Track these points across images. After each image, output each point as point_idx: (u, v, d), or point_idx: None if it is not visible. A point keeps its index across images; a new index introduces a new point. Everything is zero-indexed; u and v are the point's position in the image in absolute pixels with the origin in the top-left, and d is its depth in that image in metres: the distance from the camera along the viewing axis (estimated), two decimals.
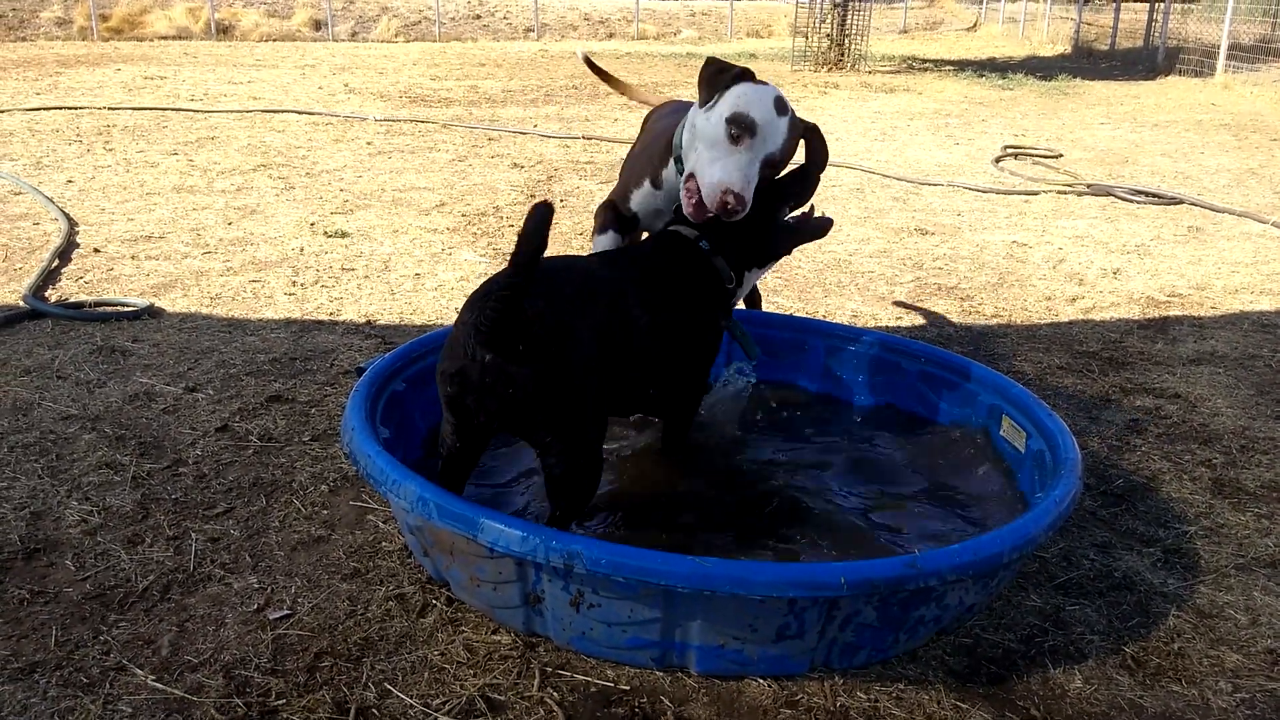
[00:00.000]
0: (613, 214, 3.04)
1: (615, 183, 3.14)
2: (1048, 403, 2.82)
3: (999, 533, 2.08)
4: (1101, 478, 2.96)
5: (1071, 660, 2.15)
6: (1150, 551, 2.58)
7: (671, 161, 2.84)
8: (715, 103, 2.62)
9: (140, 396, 3.39)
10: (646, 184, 2.94)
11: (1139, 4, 20.67)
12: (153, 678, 2.04)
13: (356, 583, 2.39)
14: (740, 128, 2.55)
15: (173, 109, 10.27)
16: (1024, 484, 2.69)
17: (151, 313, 4.21)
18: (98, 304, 4.29)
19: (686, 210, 2.67)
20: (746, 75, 2.67)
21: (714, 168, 2.57)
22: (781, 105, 2.62)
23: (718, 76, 2.66)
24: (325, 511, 2.71)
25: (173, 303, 4.37)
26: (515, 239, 2.04)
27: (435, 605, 2.29)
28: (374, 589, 2.36)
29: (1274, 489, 2.92)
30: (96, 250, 5.16)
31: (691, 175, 2.64)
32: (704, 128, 2.63)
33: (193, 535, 2.57)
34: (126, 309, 4.19)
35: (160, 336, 3.95)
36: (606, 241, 2.99)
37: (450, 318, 4.20)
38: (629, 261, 2.64)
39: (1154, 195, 6.94)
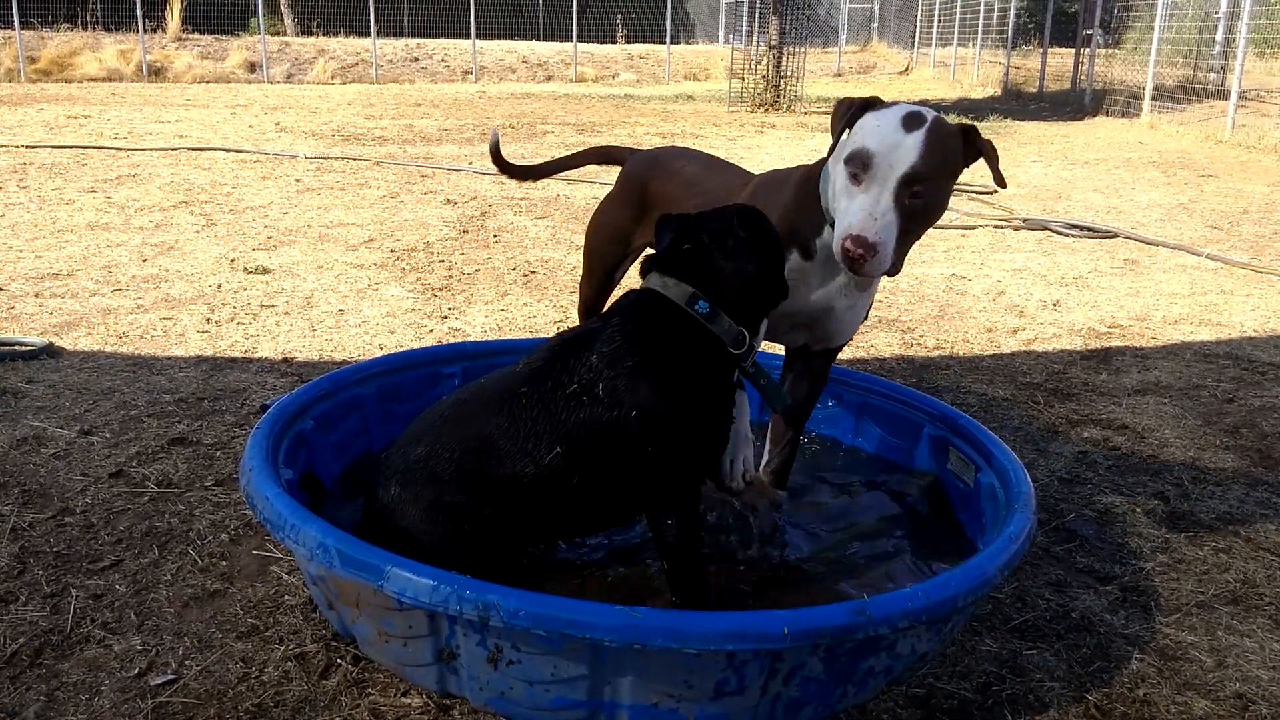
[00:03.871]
0: None
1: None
2: (995, 434, 2.69)
3: (952, 574, 1.93)
4: (1053, 512, 2.84)
5: (1032, 710, 1.99)
6: (1107, 590, 2.44)
7: (826, 226, 2.32)
8: (839, 147, 2.25)
9: (29, 441, 3.13)
10: (795, 254, 2.37)
11: (1065, 49, 21.22)
12: None
13: (253, 641, 2.16)
14: (857, 165, 2.14)
15: (94, 147, 9.96)
16: (974, 521, 2.56)
17: (50, 352, 3.94)
18: None
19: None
20: (870, 104, 2.24)
21: (840, 219, 2.17)
22: (913, 120, 2.15)
23: (839, 117, 2.25)
24: (224, 563, 2.47)
25: (75, 342, 4.10)
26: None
27: (340, 665, 2.07)
28: (272, 648, 2.13)
29: (1230, 521, 2.82)
30: None
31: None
32: (833, 179, 2.25)
33: (73, 592, 2.32)
34: (22, 348, 3.92)
35: (57, 377, 3.68)
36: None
37: (373, 353, 4.00)
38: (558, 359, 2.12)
39: (1089, 229, 6.97)
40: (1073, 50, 19.86)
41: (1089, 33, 18.64)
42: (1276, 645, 2.24)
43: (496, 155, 3.36)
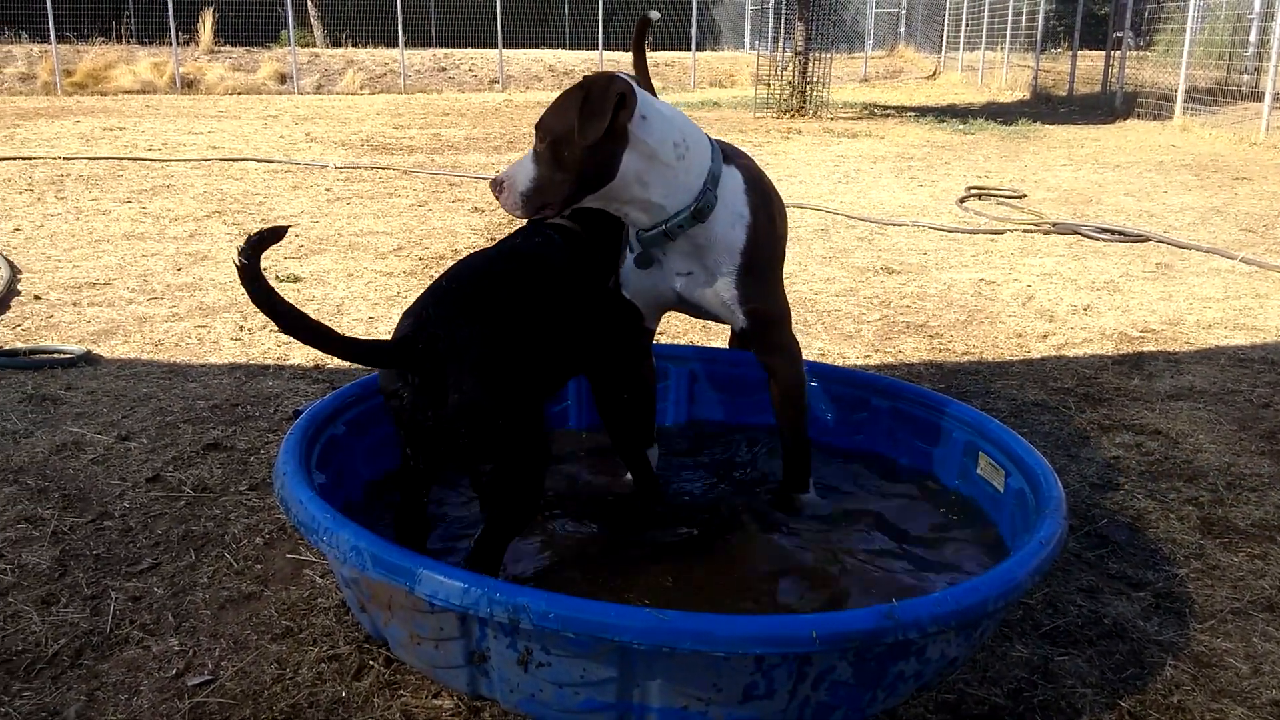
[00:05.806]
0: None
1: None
2: (1026, 439, 2.67)
3: (982, 579, 1.92)
4: (1084, 518, 2.82)
5: (1064, 716, 1.99)
6: (1141, 596, 2.43)
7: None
8: None
9: (68, 446, 3.19)
10: (627, 253, 2.57)
11: (1095, 51, 21.03)
12: None
13: (287, 643, 2.19)
14: None
15: (129, 158, 10.10)
16: (1004, 526, 2.55)
17: (88, 359, 4.01)
18: (31, 351, 4.08)
19: None
20: None
21: None
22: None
23: None
24: (259, 566, 2.51)
25: (112, 349, 4.17)
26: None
27: (372, 666, 2.10)
28: (306, 650, 2.16)
29: (1266, 527, 2.79)
30: (38, 297, 4.96)
31: None
32: None
33: (112, 594, 2.37)
34: (61, 356, 3.99)
35: (95, 384, 3.75)
36: None
37: None
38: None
39: (1120, 233, 6.91)
40: (1103, 53, 19.68)
41: (1119, 35, 18.46)
42: None
43: (640, 36, 3.33)
